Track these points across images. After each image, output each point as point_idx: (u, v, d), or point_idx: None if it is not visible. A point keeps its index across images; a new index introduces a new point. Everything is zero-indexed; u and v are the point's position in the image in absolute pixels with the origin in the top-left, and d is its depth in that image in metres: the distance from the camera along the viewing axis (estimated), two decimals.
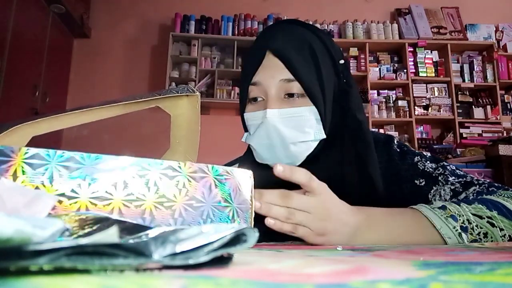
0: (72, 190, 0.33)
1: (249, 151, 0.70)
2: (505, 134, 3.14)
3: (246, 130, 0.68)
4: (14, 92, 2.52)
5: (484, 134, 3.20)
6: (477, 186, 0.61)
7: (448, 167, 0.65)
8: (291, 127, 0.60)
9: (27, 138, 0.47)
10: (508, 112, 3.39)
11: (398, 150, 0.69)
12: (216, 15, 3.43)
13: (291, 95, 0.62)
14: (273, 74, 0.61)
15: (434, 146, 3.13)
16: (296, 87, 0.61)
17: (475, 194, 0.59)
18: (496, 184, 0.61)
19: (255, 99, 0.64)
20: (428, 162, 0.66)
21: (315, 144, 0.62)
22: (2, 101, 2.35)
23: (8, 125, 0.45)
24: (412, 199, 0.61)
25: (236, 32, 3.41)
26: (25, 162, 0.32)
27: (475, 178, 0.63)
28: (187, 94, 0.59)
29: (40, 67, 2.83)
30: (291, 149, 0.60)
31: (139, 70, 3.46)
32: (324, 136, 0.62)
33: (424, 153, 0.69)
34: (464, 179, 0.63)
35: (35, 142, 0.47)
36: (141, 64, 3.47)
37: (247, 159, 0.69)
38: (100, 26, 3.48)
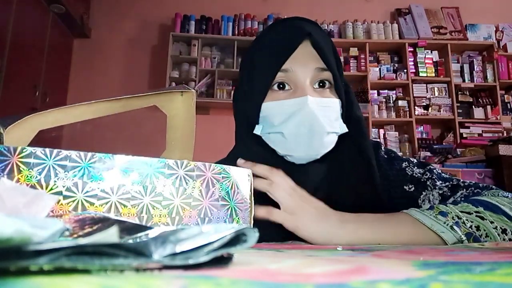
0: (69, 189, 0.33)
1: (236, 150, 0.69)
2: (505, 134, 3.14)
3: (251, 122, 0.63)
4: (14, 92, 2.52)
5: (484, 134, 3.20)
6: (464, 190, 0.62)
7: (434, 170, 0.67)
8: (325, 116, 0.59)
9: (34, 131, 0.48)
10: (508, 112, 3.39)
11: (385, 156, 0.70)
12: (216, 15, 3.43)
13: (322, 84, 0.62)
14: (306, 62, 0.61)
15: (434, 146, 3.13)
16: (327, 77, 0.62)
17: (462, 198, 0.61)
18: (481, 185, 0.63)
19: (282, 87, 0.61)
20: (415, 167, 0.67)
21: (336, 138, 0.62)
22: (2, 101, 2.35)
23: (16, 117, 0.45)
24: (402, 204, 0.61)
25: (236, 32, 3.41)
26: (21, 161, 0.32)
27: (461, 180, 0.65)
28: (182, 91, 0.59)
29: (40, 67, 2.83)
30: (324, 139, 0.60)
31: (139, 70, 3.46)
32: (347, 130, 0.62)
33: (411, 159, 0.70)
34: (451, 182, 0.64)
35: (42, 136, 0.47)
36: (141, 64, 3.47)
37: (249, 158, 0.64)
38: (100, 26, 3.48)
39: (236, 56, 3.29)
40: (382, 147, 0.72)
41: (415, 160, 0.70)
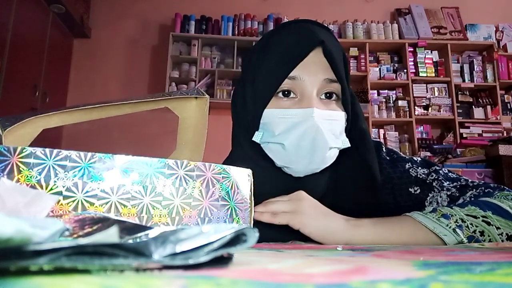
0: (69, 189, 0.33)
1: (234, 154, 0.67)
2: (505, 134, 3.14)
3: (250, 127, 0.60)
4: (14, 92, 2.52)
5: (484, 134, 3.20)
6: (474, 190, 0.60)
7: (440, 171, 0.64)
8: (329, 130, 0.57)
9: (38, 130, 0.48)
10: (508, 112, 3.39)
11: (387, 157, 0.67)
12: (216, 15, 3.43)
13: (329, 96, 0.59)
14: (316, 72, 0.58)
15: (434, 146, 3.13)
16: (335, 89, 0.59)
17: (472, 198, 0.59)
18: (491, 185, 0.61)
19: (287, 94, 0.58)
20: (419, 168, 0.65)
21: (338, 152, 0.60)
22: (2, 101, 2.35)
23: (20, 117, 0.46)
24: (409, 207, 0.60)
25: (236, 32, 3.41)
26: (21, 161, 0.32)
27: (470, 180, 0.63)
28: (196, 96, 0.59)
29: (40, 67, 2.83)
30: (326, 155, 0.57)
31: (139, 70, 3.46)
32: (349, 145, 0.60)
33: (415, 158, 0.68)
34: (459, 182, 0.62)
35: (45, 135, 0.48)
36: (141, 64, 3.47)
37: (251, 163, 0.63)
38: (100, 26, 3.48)
39: (236, 56, 3.29)
40: (383, 148, 0.69)
41: (419, 159, 0.67)
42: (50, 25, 2.94)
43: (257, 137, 0.60)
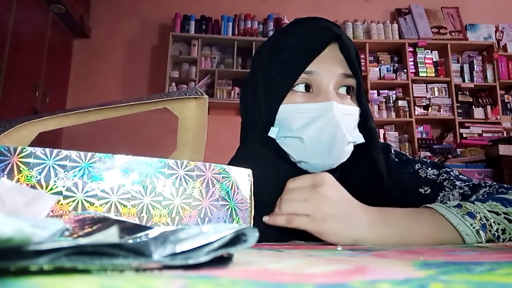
0: (69, 189, 0.33)
1: (242, 153, 0.66)
2: (505, 134, 3.14)
3: (265, 124, 0.59)
4: (14, 92, 2.52)
5: (484, 134, 3.20)
6: (487, 188, 0.59)
7: (451, 172, 0.64)
8: (346, 124, 0.56)
9: (34, 134, 0.48)
10: (508, 112, 3.39)
11: (396, 159, 0.67)
12: (216, 15, 3.43)
13: (346, 90, 0.59)
14: (332, 66, 0.57)
15: (434, 146, 3.13)
16: (350, 84, 0.59)
17: (485, 196, 0.58)
18: (505, 185, 0.60)
19: (304, 89, 0.58)
20: (429, 168, 0.65)
21: (353, 148, 0.59)
22: (2, 101, 2.35)
23: (16, 121, 0.46)
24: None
25: (236, 32, 3.41)
26: (21, 161, 0.32)
27: (482, 181, 0.62)
28: (195, 96, 0.59)
29: (40, 67, 2.83)
30: (344, 149, 0.56)
31: (139, 70, 3.46)
32: (363, 141, 0.59)
33: (424, 159, 0.67)
34: (472, 182, 0.62)
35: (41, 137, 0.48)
36: (141, 64, 3.47)
37: (255, 160, 0.60)
38: (100, 26, 3.48)
39: (236, 56, 3.29)
40: (392, 150, 0.69)
41: (429, 161, 0.67)
42: (50, 25, 2.95)
43: (273, 133, 0.58)
